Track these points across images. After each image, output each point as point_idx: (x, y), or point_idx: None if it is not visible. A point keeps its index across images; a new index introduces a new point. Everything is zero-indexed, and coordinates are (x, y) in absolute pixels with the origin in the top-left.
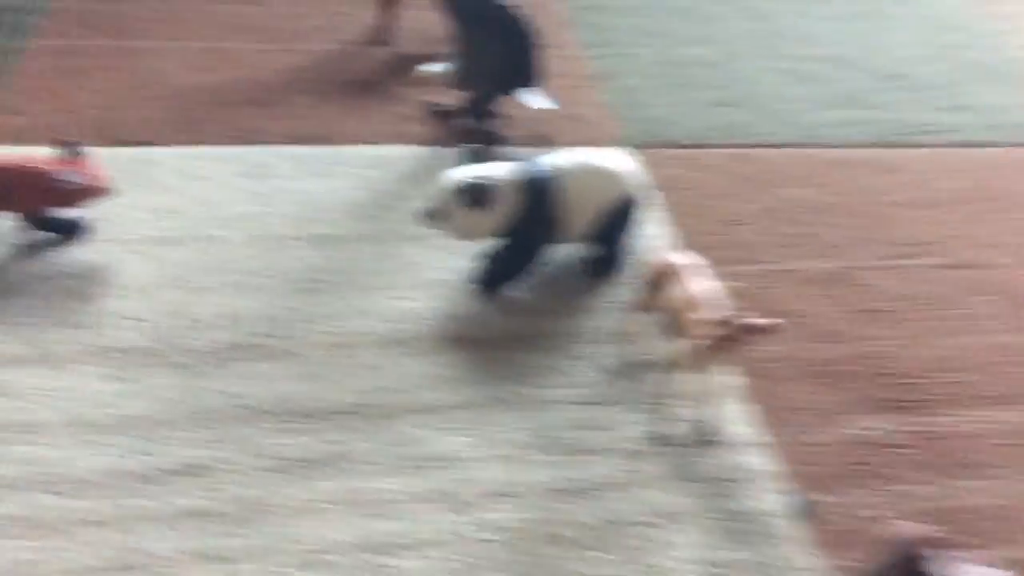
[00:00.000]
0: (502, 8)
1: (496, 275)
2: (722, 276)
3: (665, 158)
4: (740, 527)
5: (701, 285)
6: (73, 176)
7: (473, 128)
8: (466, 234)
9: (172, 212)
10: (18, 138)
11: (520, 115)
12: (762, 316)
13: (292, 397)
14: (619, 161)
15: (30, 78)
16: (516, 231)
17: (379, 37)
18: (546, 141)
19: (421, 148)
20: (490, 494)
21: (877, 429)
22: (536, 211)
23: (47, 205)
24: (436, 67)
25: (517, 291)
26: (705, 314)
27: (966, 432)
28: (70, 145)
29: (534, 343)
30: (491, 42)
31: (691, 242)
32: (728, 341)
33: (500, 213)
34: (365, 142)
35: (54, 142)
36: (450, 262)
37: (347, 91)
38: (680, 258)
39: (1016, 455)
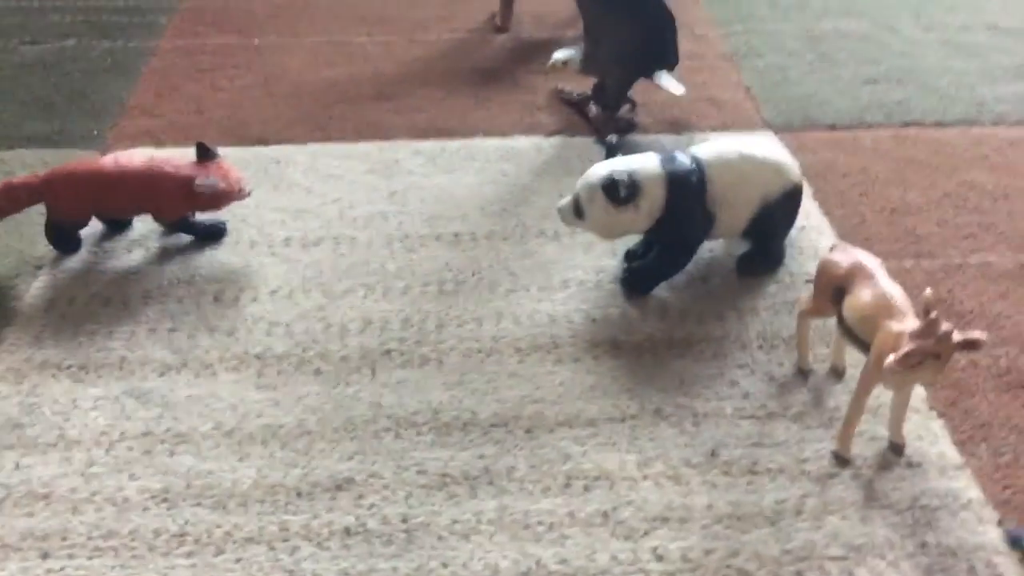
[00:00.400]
0: None
1: (644, 275)
2: (895, 274)
3: (816, 142)
4: (943, 562)
5: (891, 288)
6: (213, 180)
7: (606, 116)
8: (609, 232)
9: (304, 212)
10: (150, 138)
11: (654, 100)
12: (962, 327)
13: (437, 407)
14: (773, 149)
15: (159, 78)
16: (664, 228)
17: (500, 24)
18: (683, 127)
19: (552, 138)
20: (659, 519)
21: None
22: (685, 206)
23: (187, 209)
24: (566, 53)
25: (666, 291)
26: (906, 324)
27: None
28: (207, 148)
29: (691, 349)
30: (623, 24)
31: (854, 235)
32: (935, 356)
33: (646, 209)
34: (494, 134)
35: (198, 146)
36: (590, 260)
37: (472, 81)
38: (863, 257)
39: None
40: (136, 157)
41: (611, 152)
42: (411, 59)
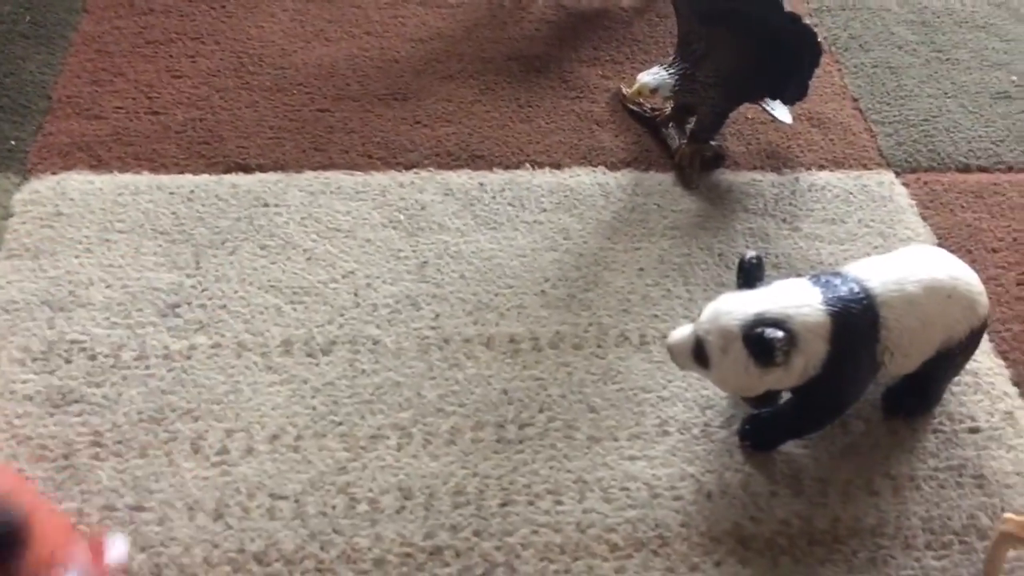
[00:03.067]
0: (765, 1)
1: (773, 428)
2: None
3: (952, 192)
4: None
5: None
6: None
7: (693, 149)
8: (741, 391)
9: (308, 293)
10: (88, 156)
11: (741, 119)
12: None
13: None
14: (961, 272)
15: (94, 52)
16: (815, 384)
17: None
18: (784, 161)
19: (620, 173)
20: None
21: None
22: (850, 359)
23: None
24: (656, 77)
25: (798, 444)
26: None
27: None
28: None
29: (840, 549)
30: (740, 45)
31: (1019, 354)
32: None
33: (800, 367)
34: (544, 163)
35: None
36: (693, 387)
37: (509, 75)
38: None
39: None
40: None
41: (749, 276)
42: (429, 33)
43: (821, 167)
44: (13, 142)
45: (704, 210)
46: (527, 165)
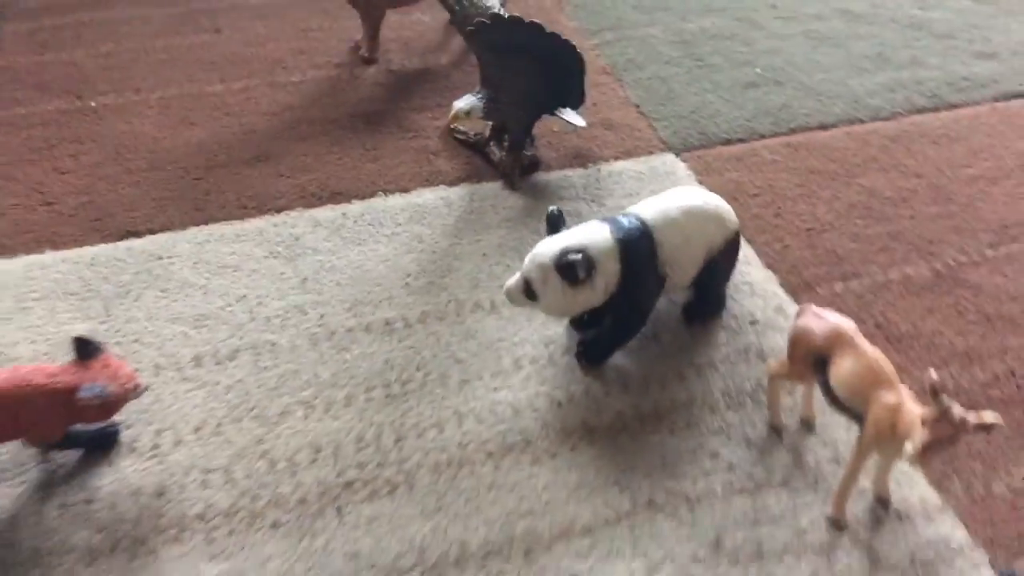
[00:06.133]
0: (534, 31)
1: (599, 346)
2: (829, 301)
3: (718, 160)
4: None
5: (874, 355)
6: (100, 387)
7: (511, 157)
8: (564, 312)
9: (208, 319)
10: None
11: (551, 132)
12: (967, 415)
13: (421, 544)
14: (709, 198)
15: None
16: (618, 298)
17: (367, 55)
18: (588, 158)
19: (458, 188)
20: None
21: None
22: (638, 274)
23: (70, 424)
24: (467, 102)
25: (622, 358)
26: (897, 393)
27: None
28: (87, 343)
29: (664, 421)
30: (525, 69)
31: (782, 263)
32: (944, 440)
33: (602, 285)
34: (394, 190)
35: (77, 342)
36: (536, 332)
37: (354, 128)
38: (838, 321)
39: None
40: None
41: (554, 224)
42: (279, 107)
43: (616, 159)
44: None
45: (529, 204)
46: (380, 193)
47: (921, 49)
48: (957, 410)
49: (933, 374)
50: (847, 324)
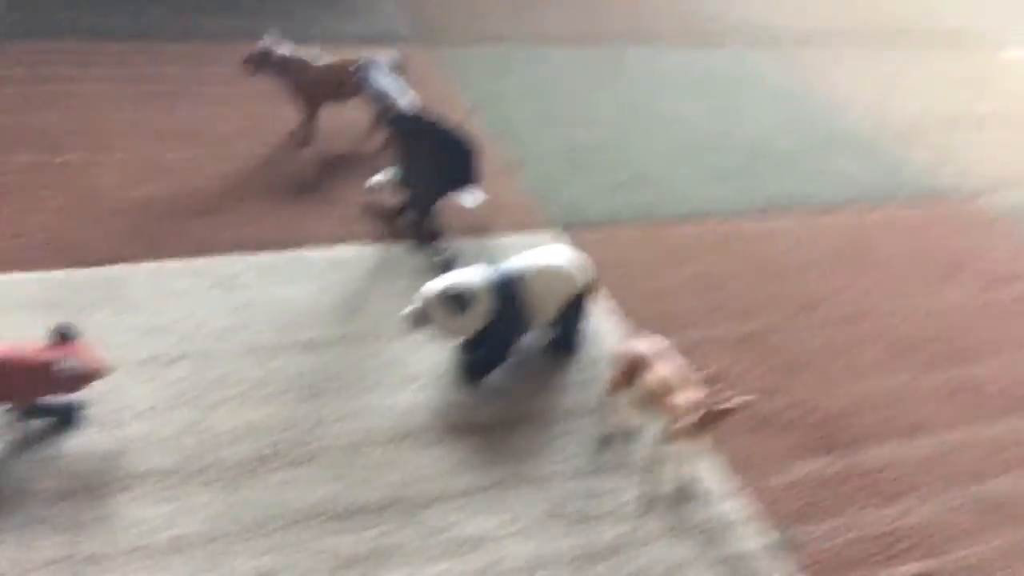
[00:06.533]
0: (437, 123)
1: (478, 366)
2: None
3: (591, 238)
4: (738, 568)
5: (670, 368)
6: (71, 362)
7: (415, 222)
8: (449, 334)
9: (158, 330)
10: None
11: (456, 208)
12: (732, 395)
13: (329, 499)
14: (570, 255)
15: None
16: (493, 328)
17: (303, 140)
18: (483, 230)
19: (373, 246)
20: (527, 568)
21: (822, 466)
22: (509, 309)
23: (44, 395)
24: (383, 176)
25: (497, 378)
26: (681, 398)
27: (891, 461)
28: (66, 331)
29: (526, 423)
30: (430, 153)
31: (629, 317)
32: (706, 421)
33: (478, 314)
34: (319, 244)
35: (57, 330)
36: (429, 356)
37: (288, 195)
38: (647, 344)
39: (932, 477)
40: None
41: (446, 266)
42: (222, 174)
43: (508, 231)
44: None
45: (427, 262)
46: (307, 245)
47: (760, 168)
48: (728, 392)
49: (714, 368)
50: (658, 343)
